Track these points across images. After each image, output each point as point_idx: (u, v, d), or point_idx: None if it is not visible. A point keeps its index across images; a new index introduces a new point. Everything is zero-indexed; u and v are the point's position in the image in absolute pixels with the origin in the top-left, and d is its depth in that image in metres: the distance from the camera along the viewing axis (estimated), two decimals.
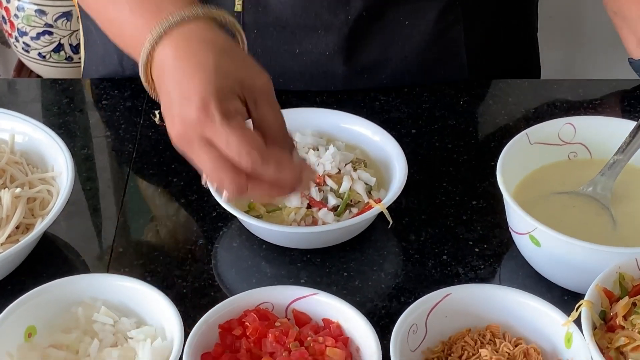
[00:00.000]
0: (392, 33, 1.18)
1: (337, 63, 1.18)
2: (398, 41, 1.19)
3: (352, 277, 0.99)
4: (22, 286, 0.96)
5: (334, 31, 1.16)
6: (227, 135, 0.79)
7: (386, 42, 1.19)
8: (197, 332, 0.86)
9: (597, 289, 0.87)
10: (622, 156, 1.01)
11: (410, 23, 1.18)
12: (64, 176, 1.02)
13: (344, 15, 1.15)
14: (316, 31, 1.16)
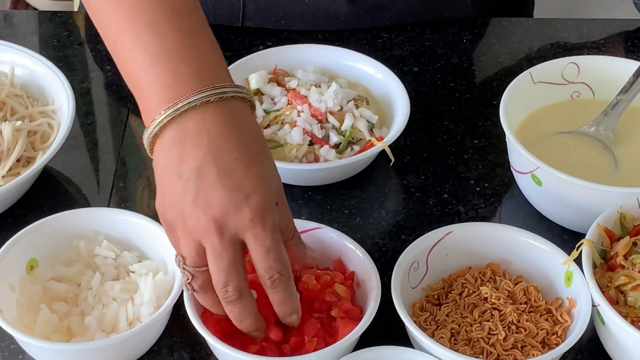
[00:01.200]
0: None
1: (339, 5, 1.17)
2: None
3: (353, 215, 0.99)
4: (23, 219, 0.96)
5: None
6: (271, 247, 0.77)
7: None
8: None
9: (598, 228, 0.87)
10: (625, 96, 1.01)
11: None
12: (65, 109, 1.01)
13: None
14: None
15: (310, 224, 0.90)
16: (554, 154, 0.97)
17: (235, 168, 0.76)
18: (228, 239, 0.77)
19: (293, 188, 1.01)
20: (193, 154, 0.76)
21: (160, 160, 0.78)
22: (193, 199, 0.76)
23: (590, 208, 0.90)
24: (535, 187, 0.95)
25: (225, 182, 0.76)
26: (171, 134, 0.77)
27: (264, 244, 0.77)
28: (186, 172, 0.76)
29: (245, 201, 0.76)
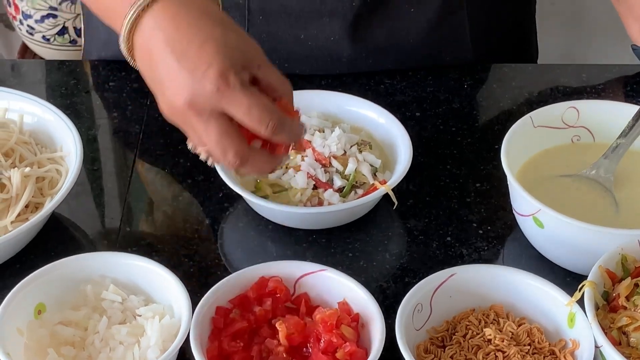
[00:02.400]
0: (397, 19, 1.19)
1: (342, 48, 1.19)
2: (403, 27, 1.19)
3: (357, 258, 0.99)
4: (31, 264, 0.96)
5: (339, 17, 1.16)
6: (249, 103, 0.81)
7: (391, 28, 1.19)
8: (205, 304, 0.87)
9: (600, 269, 0.88)
10: (624, 140, 1.02)
11: (415, 9, 1.18)
12: (73, 156, 1.02)
13: (349, 1, 1.15)
14: (321, 17, 1.17)
15: (315, 266, 0.91)
16: (555, 197, 0.97)
17: (188, 49, 0.81)
18: (207, 116, 0.81)
19: (298, 231, 1.02)
20: (154, 55, 0.82)
21: (139, 65, 0.86)
22: (166, 94, 0.82)
23: (591, 250, 0.91)
24: (537, 229, 0.96)
25: (184, 65, 0.81)
26: (138, 42, 0.84)
27: (241, 104, 0.81)
28: (157, 74, 0.83)
29: (204, 76, 0.80)
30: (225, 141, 0.82)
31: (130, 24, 0.83)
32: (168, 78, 0.82)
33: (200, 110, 0.81)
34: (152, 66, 0.83)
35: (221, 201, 1.05)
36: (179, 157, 1.11)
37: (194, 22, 0.82)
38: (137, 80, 1.21)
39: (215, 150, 0.83)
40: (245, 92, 0.81)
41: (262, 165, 0.85)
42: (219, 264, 0.99)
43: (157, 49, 0.82)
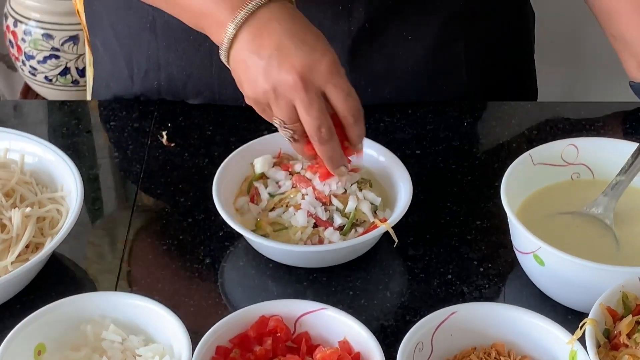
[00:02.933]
0: (395, 47, 1.19)
1: None
2: (401, 55, 1.20)
3: (357, 296, 0.99)
4: (31, 304, 0.96)
5: (337, 42, 1.17)
6: (350, 90, 0.94)
7: (389, 55, 1.20)
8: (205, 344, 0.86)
9: (601, 307, 0.87)
10: (624, 177, 1.02)
11: (412, 37, 1.19)
12: (73, 196, 1.02)
13: (347, 25, 1.16)
14: None
15: (315, 304, 0.90)
16: (555, 234, 0.97)
17: (307, 38, 0.93)
18: (314, 92, 0.93)
19: (298, 270, 1.02)
20: (269, 37, 0.93)
21: (240, 56, 0.95)
22: (278, 67, 0.92)
23: (592, 287, 0.91)
24: (538, 267, 0.96)
25: (302, 47, 0.93)
26: (246, 31, 0.94)
27: (343, 89, 0.94)
28: (267, 51, 0.93)
29: (321, 58, 0.93)
30: (323, 116, 0.93)
31: (243, 17, 0.93)
32: (283, 55, 0.92)
33: (310, 85, 0.92)
34: (263, 45, 0.93)
35: (221, 240, 1.05)
36: (180, 196, 1.11)
37: (306, 22, 0.95)
38: (138, 119, 1.22)
39: (312, 123, 0.93)
40: (348, 82, 0.94)
41: (337, 152, 0.97)
42: (219, 303, 0.99)
43: (274, 31, 0.93)
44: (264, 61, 0.93)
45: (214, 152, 1.16)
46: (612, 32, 1.21)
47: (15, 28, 2.13)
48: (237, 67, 0.96)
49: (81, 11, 1.31)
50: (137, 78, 1.24)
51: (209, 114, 1.22)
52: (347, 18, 1.16)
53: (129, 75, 1.24)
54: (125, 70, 1.25)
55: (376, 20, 1.17)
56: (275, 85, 0.93)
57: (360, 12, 1.16)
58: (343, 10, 1.15)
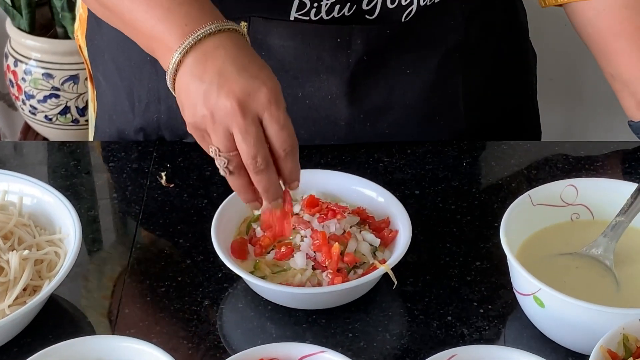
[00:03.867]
0: (394, 80, 1.20)
1: (339, 107, 1.19)
2: (399, 89, 1.20)
3: (357, 338, 0.99)
4: (28, 348, 0.96)
5: (336, 75, 1.18)
6: (285, 123, 0.94)
7: (388, 89, 1.20)
8: None
9: (601, 350, 0.87)
10: (624, 218, 1.02)
11: (411, 71, 1.20)
12: (71, 238, 1.02)
13: (346, 58, 1.17)
14: (318, 74, 1.18)
15: (314, 348, 0.90)
16: (555, 276, 0.97)
17: (250, 66, 0.94)
18: (251, 119, 0.92)
19: (297, 312, 1.01)
20: (213, 62, 0.93)
21: (183, 80, 0.94)
22: (217, 92, 0.92)
23: (593, 329, 0.90)
24: (538, 308, 0.95)
25: (243, 74, 0.93)
26: (192, 57, 0.94)
27: (279, 121, 0.93)
28: (209, 76, 0.92)
29: (262, 85, 0.92)
30: (259, 145, 0.92)
31: (190, 43, 0.94)
32: (223, 79, 0.92)
33: (247, 111, 0.91)
34: (206, 70, 0.93)
35: (220, 281, 1.05)
36: (179, 237, 1.11)
37: (252, 52, 0.96)
38: (137, 160, 1.22)
39: (248, 150, 0.92)
40: (285, 115, 0.94)
41: (273, 183, 0.95)
42: (218, 345, 0.98)
43: (218, 58, 0.93)
44: (205, 85, 0.93)
45: (212, 193, 1.16)
46: (610, 72, 1.21)
47: (15, 68, 2.14)
48: (180, 91, 0.95)
49: (83, 46, 1.32)
50: (138, 111, 1.24)
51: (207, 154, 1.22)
52: (346, 51, 1.16)
53: (130, 108, 1.25)
54: (127, 103, 1.25)
55: (375, 54, 1.17)
56: (213, 110, 0.92)
57: (359, 44, 1.16)
58: (342, 43, 1.16)
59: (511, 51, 1.30)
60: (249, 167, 0.93)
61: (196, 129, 0.96)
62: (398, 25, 1.16)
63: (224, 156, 0.94)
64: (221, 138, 0.93)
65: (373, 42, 1.16)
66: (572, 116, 2.38)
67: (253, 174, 0.94)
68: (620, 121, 1.27)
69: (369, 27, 1.15)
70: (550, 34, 1.99)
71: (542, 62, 1.41)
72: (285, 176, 0.97)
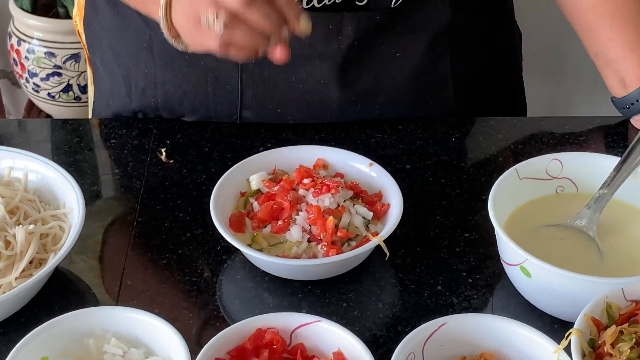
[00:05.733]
0: (384, 64, 1.19)
1: (331, 91, 1.19)
2: (389, 72, 1.20)
3: (351, 307, 0.99)
4: (35, 318, 0.96)
5: (328, 60, 1.17)
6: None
7: (378, 72, 1.19)
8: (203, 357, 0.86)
9: (585, 318, 0.87)
10: (607, 190, 1.02)
11: (400, 55, 1.19)
12: (75, 213, 1.02)
13: (337, 44, 1.16)
14: (311, 60, 1.17)
15: (310, 317, 0.90)
16: (541, 246, 0.97)
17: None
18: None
19: (293, 283, 1.01)
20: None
21: (178, 13, 0.95)
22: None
23: (577, 298, 0.90)
24: (524, 278, 0.95)
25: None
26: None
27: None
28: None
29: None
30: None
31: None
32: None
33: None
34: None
35: (219, 254, 1.05)
36: (179, 211, 1.10)
37: None
38: (138, 137, 1.22)
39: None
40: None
41: (265, 14, 0.92)
42: (217, 315, 0.99)
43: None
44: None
45: (211, 169, 1.16)
46: (594, 50, 1.21)
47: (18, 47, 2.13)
48: (181, 22, 0.95)
49: (81, 31, 1.31)
50: (134, 96, 1.23)
51: (206, 131, 1.22)
52: (337, 37, 1.16)
53: (127, 93, 1.24)
54: (124, 88, 1.24)
55: (365, 39, 1.17)
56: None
57: (350, 30, 1.15)
58: (333, 30, 1.15)
59: (498, 32, 1.30)
60: (236, 5, 0.90)
61: (188, 17, 0.94)
62: (387, 10, 1.15)
63: (212, 15, 0.91)
64: (208, 2, 0.91)
65: (363, 28, 1.16)
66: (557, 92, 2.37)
67: (244, 10, 0.91)
68: (603, 97, 1.26)
69: (359, 13, 1.15)
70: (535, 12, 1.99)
71: (527, 39, 1.41)
72: (286, 16, 0.94)
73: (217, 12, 0.91)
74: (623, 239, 1.00)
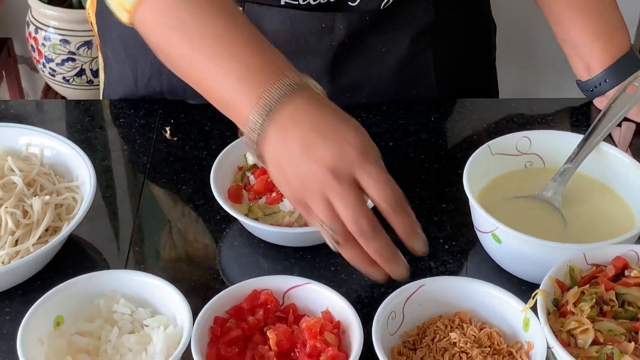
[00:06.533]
0: (371, 57, 1.19)
1: (322, 83, 1.17)
2: (376, 64, 1.19)
3: (338, 271, 0.99)
4: (50, 281, 0.96)
5: (320, 56, 1.17)
6: (385, 178, 0.79)
7: (365, 66, 1.19)
8: (204, 315, 0.87)
9: (550, 280, 0.88)
10: (571, 165, 1.02)
11: (386, 50, 1.19)
12: (87, 185, 1.02)
13: (329, 41, 1.16)
14: (305, 56, 1.17)
15: (301, 280, 0.91)
16: (511, 216, 0.97)
17: (330, 125, 0.79)
18: (346, 182, 0.77)
19: (286, 249, 1.01)
20: (294, 133, 0.79)
21: (272, 157, 0.82)
22: (307, 162, 0.79)
23: (543, 262, 0.91)
24: (495, 244, 0.96)
25: (325, 136, 0.78)
26: (273, 131, 0.81)
27: (373, 175, 0.78)
28: (295, 149, 0.79)
29: (346, 143, 0.78)
30: (360, 207, 0.78)
31: (264, 112, 0.81)
32: (310, 150, 0.79)
33: (340, 174, 0.78)
34: (289, 143, 0.79)
35: (219, 223, 1.05)
36: (182, 184, 1.10)
37: (328, 107, 0.82)
38: (144, 117, 1.21)
39: (349, 214, 0.77)
40: (383, 168, 0.79)
41: (386, 248, 0.79)
42: (217, 278, 0.99)
43: (299, 127, 0.80)
44: (293, 159, 0.80)
45: (211, 145, 1.16)
46: (562, 36, 1.21)
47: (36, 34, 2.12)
48: (273, 169, 0.83)
49: (94, 22, 1.31)
50: (141, 84, 1.23)
51: (207, 111, 1.21)
52: (330, 35, 1.15)
53: (133, 82, 1.24)
54: (131, 77, 1.24)
55: (354, 36, 1.16)
56: (306, 182, 0.79)
57: (341, 29, 1.15)
58: (326, 28, 1.15)
59: (475, 27, 1.29)
60: (355, 233, 0.79)
61: (298, 203, 0.83)
62: (376, 11, 1.15)
63: (328, 227, 0.79)
64: (322, 208, 0.79)
65: (354, 26, 1.15)
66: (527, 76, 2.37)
67: (361, 239, 0.79)
68: (569, 81, 1.26)
69: (350, 13, 1.14)
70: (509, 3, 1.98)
71: (501, 29, 1.40)
72: (401, 234, 0.81)
73: (332, 227, 0.79)
74: (585, 209, 1.00)
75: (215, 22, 0.85)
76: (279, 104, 0.81)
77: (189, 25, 0.86)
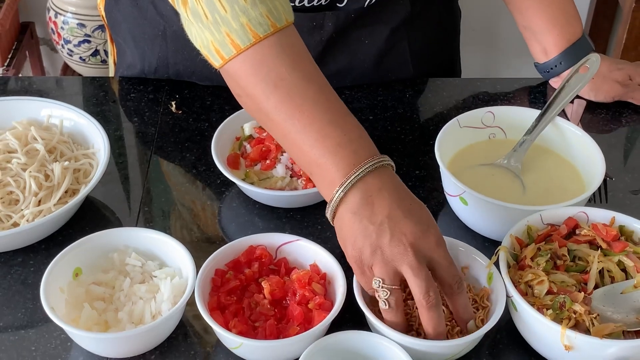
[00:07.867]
0: (355, 48, 1.18)
1: None
2: (359, 55, 1.18)
3: (324, 230, 0.98)
4: (70, 237, 0.95)
5: (311, 49, 1.13)
6: (451, 258, 0.80)
7: (350, 56, 1.18)
8: (206, 268, 0.86)
9: (510, 237, 0.87)
10: (529, 136, 1.01)
11: (368, 41, 1.18)
12: (102, 152, 1.01)
13: (319, 37, 1.14)
14: None
15: (292, 237, 0.90)
16: (476, 181, 0.97)
17: (413, 209, 0.80)
18: (421, 258, 0.78)
19: (278, 210, 1.01)
20: (381, 205, 0.79)
21: (347, 216, 0.80)
22: (391, 235, 0.78)
23: (504, 222, 0.91)
24: (463, 206, 0.95)
25: (410, 218, 0.79)
26: (357, 195, 0.79)
27: (447, 259, 0.80)
28: (379, 219, 0.78)
29: (428, 229, 0.79)
30: (430, 281, 0.78)
31: (353, 181, 0.79)
32: (393, 223, 0.78)
33: (418, 252, 0.78)
34: (375, 212, 0.78)
35: (219, 187, 1.04)
36: (186, 152, 1.09)
37: (409, 192, 0.82)
38: (152, 92, 1.20)
39: (421, 285, 0.78)
40: (448, 252, 0.80)
41: (442, 321, 0.79)
42: (217, 235, 0.98)
43: (384, 200, 0.79)
44: (374, 226, 0.78)
45: (212, 118, 1.14)
46: (522, 24, 1.20)
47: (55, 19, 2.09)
48: (343, 226, 0.80)
49: (104, 15, 1.28)
50: (148, 73, 1.21)
51: (208, 88, 1.20)
52: (319, 31, 1.14)
53: (141, 71, 1.21)
54: (139, 66, 1.22)
55: (341, 31, 1.15)
56: (385, 249, 0.78)
57: (330, 26, 1.13)
58: (316, 25, 1.13)
59: (444, 17, 1.28)
60: (422, 302, 0.78)
61: (359, 263, 0.80)
62: (361, 9, 1.13)
63: (387, 287, 0.79)
64: (389, 273, 0.79)
65: (341, 23, 1.14)
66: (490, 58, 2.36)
67: (425, 309, 0.78)
68: (527, 63, 1.26)
69: (338, 12, 1.12)
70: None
71: (466, 16, 1.39)
72: (459, 312, 0.81)
73: (389, 291, 0.79)
74: (541, 176, 1.00)
75: (315, 86, 0.82)
76: (368, 175, 0.80)
77: (289, 83, 0.81)
